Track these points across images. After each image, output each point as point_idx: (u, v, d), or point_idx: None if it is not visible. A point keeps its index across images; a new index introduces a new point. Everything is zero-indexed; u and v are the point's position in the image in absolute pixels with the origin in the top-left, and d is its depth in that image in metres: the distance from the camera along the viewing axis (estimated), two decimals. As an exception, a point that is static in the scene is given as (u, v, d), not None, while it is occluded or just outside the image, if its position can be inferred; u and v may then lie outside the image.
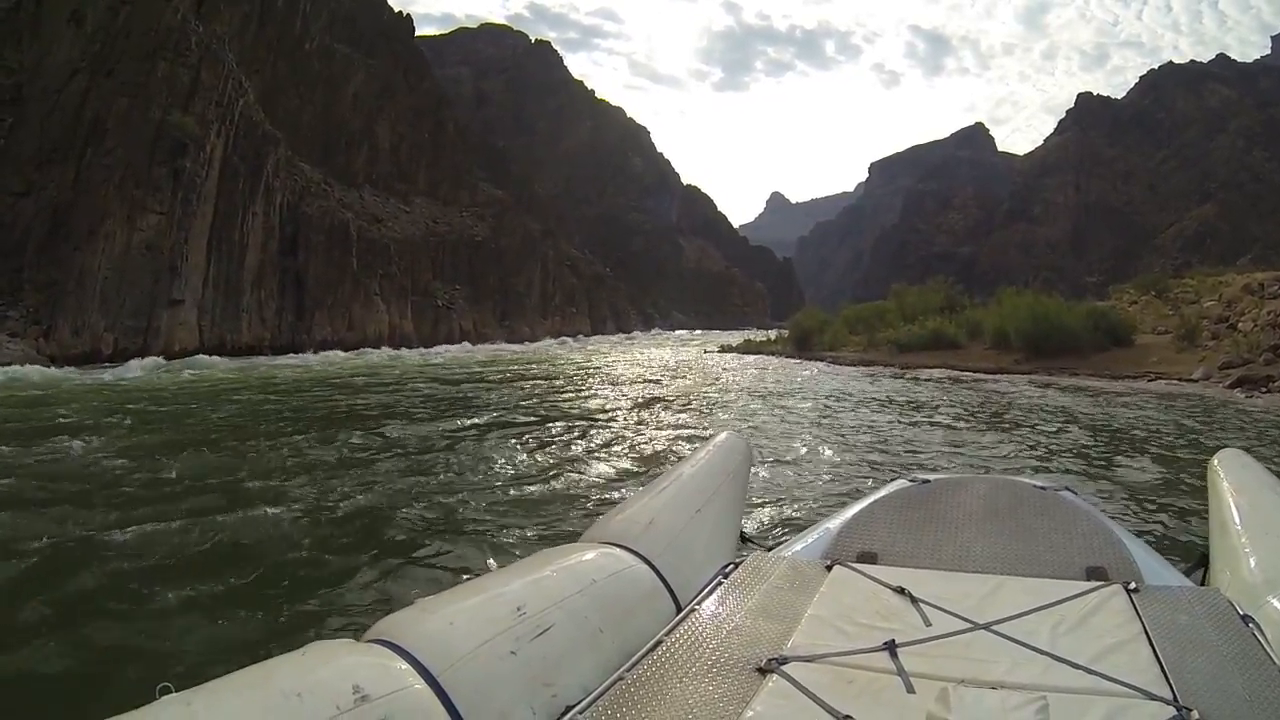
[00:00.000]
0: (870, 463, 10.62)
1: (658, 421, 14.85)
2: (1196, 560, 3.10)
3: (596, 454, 11.12)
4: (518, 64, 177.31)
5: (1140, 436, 13.00)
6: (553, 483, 9.29)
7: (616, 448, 11.77)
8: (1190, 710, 1.68)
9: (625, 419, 15.19)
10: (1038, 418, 15.48)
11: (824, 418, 15.77)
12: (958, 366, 29.34)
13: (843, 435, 13.18)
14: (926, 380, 25.66)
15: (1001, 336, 31.06)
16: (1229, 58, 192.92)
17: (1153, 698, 1.74)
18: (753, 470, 4.54)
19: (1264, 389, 20.11)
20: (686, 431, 13.48)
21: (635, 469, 10.21)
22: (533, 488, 9.02)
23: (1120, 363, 26.09)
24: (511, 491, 8.86)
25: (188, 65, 41.78)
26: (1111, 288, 46.89)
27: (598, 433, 13.17)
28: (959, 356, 31.18)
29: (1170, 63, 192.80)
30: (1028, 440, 12.54)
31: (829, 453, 11.48)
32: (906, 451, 11.76)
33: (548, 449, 11.49)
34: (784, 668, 1.93)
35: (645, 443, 12.21)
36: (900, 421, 14.95)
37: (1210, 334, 26.60)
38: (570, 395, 21.05)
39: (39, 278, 35.76)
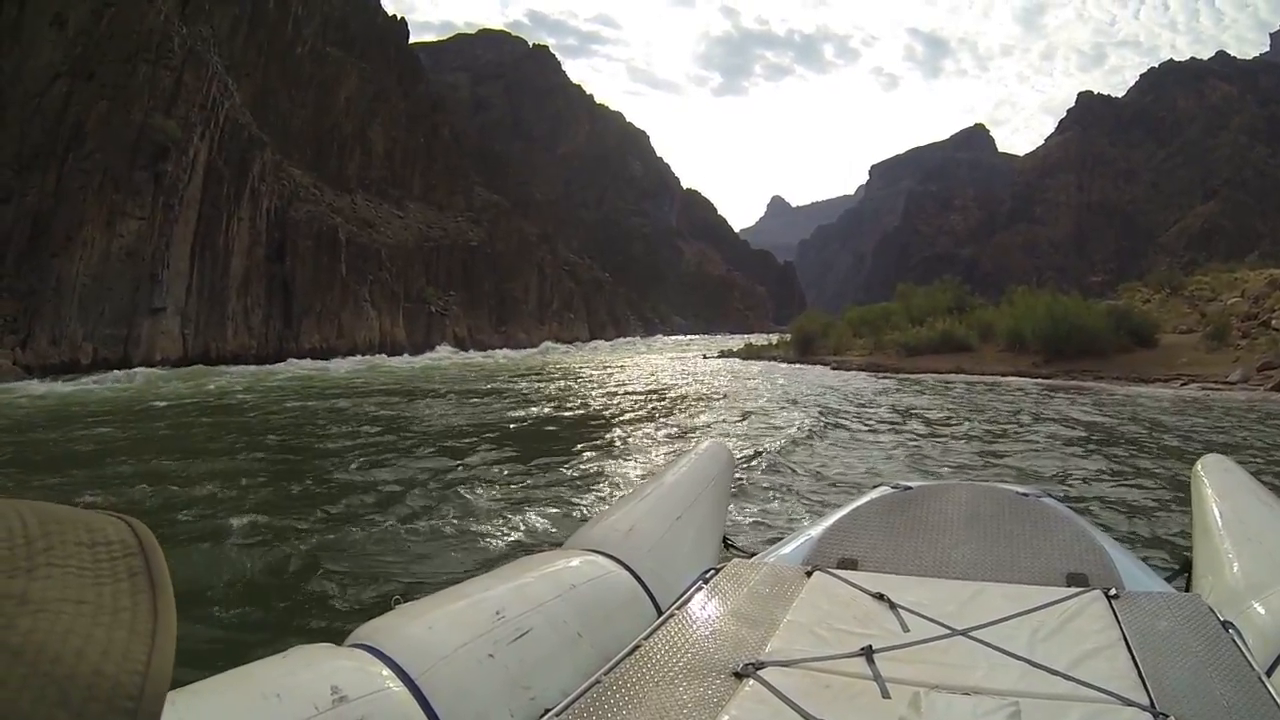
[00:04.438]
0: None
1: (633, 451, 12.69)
2: (1179, 566, 3.03)
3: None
4: (516, 69, 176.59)
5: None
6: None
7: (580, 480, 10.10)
8: (1167, 716, 1.67)
9: (593, 442, 13.16)
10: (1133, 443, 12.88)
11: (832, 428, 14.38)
12: (972, 370, 28.03)
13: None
14: (947, 386, 24.17)
15: (1016, 338, 29.74)
16: (1229, 55, 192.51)
17: (1129, 703, 1.73)
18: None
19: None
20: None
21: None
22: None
23: (1146, 364, 24.68)
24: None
25: (170, 67, 40.76)
26: (1121, 286, 45.54)
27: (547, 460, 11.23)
28: (972, 360, 29.86)
29: (1171, 60, 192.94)
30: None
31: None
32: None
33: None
34: (760, 672, 1.93)
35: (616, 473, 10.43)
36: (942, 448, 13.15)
37: (1240, 332, 25.22)
38: (534, 412, 19.04)
39: (18, 286, 34.69)
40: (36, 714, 0.36)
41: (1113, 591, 2.37)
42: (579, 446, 12.51)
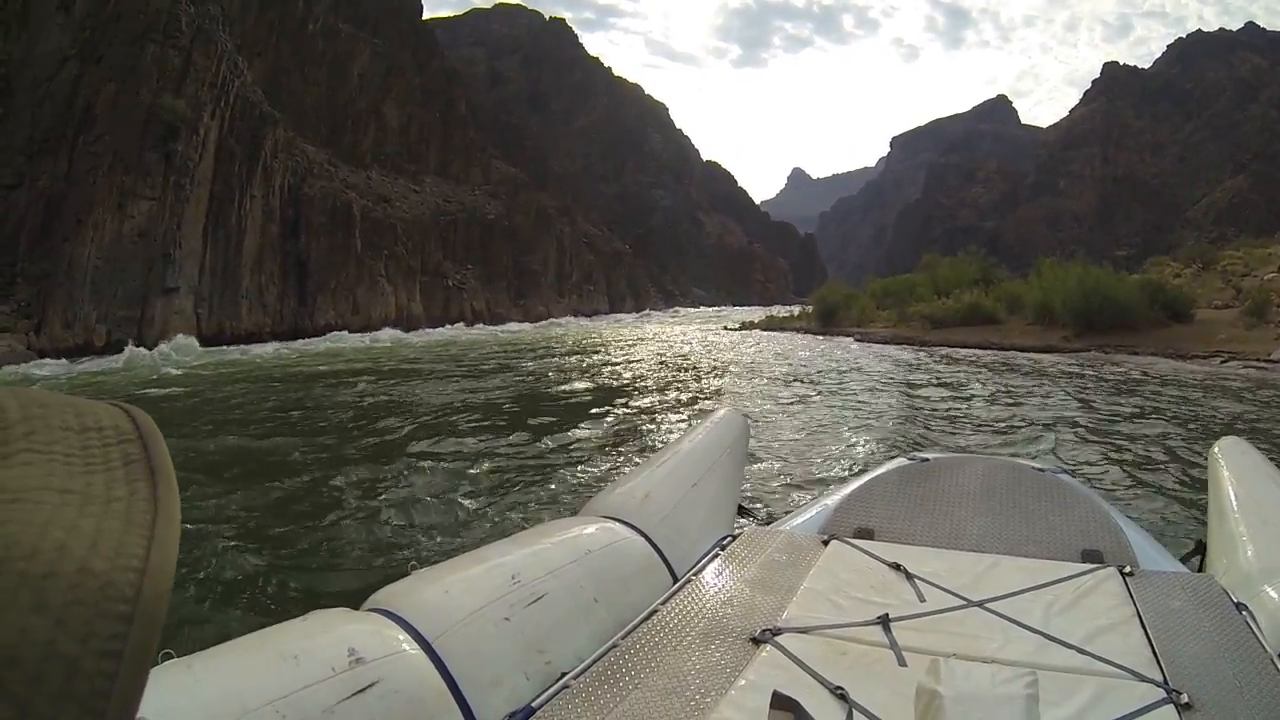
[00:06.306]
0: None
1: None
2: (1194, 547, 3.02)
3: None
4: (533, 42, 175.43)
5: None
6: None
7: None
8: (1179, 693, 1.69)
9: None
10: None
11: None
12: (1001, 345, 27.26)
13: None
14: (986, 364, 23.32)
15: (1045, 311, 28.90)
16: (1259, 26, 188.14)
17: (1143, 679, 1.76)
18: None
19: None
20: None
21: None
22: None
23: (1183, 340, 23.79)
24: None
25: (179, 47, 40.25)
26: (1149, 260, 44.49)
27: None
28: (999, 333, 29.18)
29: (1199, 31, 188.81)
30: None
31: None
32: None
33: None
34: (777, 638, 1.95)
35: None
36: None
37: (1281, 308, 24.25)
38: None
39: (31, 270, 34.55)
40: (4, 622, 0.30)
41: (1127, 569, 2.40)
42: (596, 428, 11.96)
